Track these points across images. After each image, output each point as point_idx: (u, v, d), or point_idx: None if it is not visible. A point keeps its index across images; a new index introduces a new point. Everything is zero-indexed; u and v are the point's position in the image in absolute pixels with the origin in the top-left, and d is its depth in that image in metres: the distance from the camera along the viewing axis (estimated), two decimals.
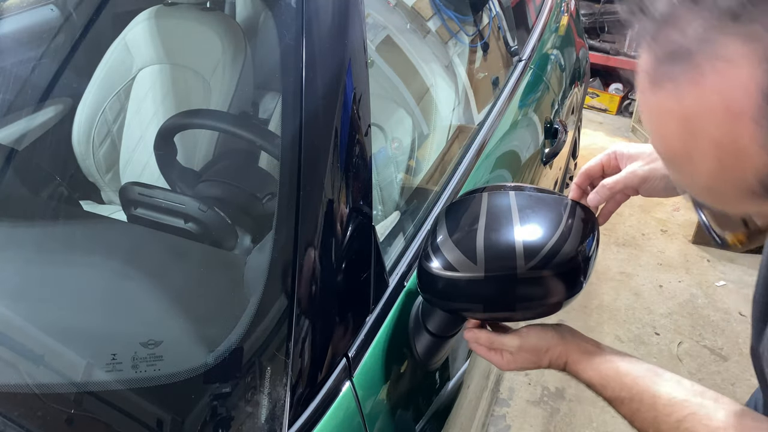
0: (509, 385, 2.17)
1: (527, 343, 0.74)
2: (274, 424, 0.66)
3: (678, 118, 0.40)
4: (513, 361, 0.76)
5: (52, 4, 1.60)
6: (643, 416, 0.64)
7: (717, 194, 0.42)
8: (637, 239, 3.00)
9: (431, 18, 1.54)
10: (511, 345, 0.75)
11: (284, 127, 0.75)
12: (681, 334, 2.42)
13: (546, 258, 0.70)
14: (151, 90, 1.46)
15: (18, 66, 1.36)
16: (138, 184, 1.08)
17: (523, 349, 0.74)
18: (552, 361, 0.74)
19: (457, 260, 0.72)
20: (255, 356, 0.69)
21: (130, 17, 1.49)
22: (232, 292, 0.82)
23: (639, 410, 0.64)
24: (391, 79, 1.30)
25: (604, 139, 3.93)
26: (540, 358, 0.74)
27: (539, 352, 0.73)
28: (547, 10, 2.22)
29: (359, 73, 0.81)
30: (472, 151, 1.24)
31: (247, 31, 1.54)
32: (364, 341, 0.77)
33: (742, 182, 0.39)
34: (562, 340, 0.73)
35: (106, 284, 0.86)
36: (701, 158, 0.40)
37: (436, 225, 0.79)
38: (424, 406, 0.87)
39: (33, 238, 0.95)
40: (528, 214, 0.75)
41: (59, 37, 1.51)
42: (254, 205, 1.09)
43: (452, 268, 0.72)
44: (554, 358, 0.73)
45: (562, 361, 0.73)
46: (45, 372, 0.73)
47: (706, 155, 0.39)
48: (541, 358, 0.74)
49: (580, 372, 0.71)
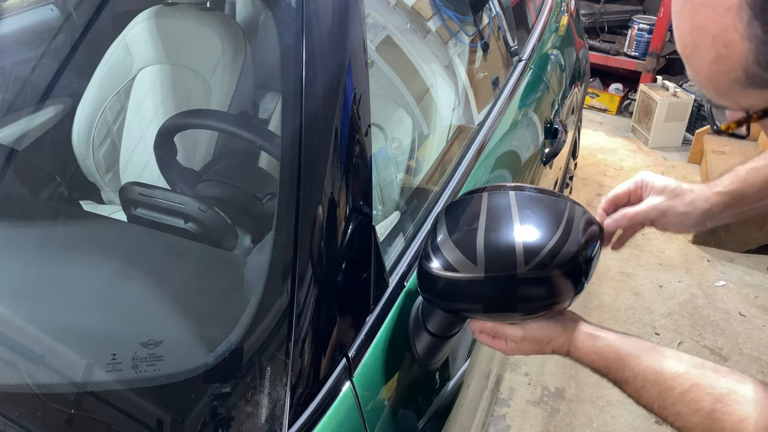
0: (509, 385, 2.17)
1: (530, 333, 0.76)
2: (274, 424, 0.66)
3: (689, 14, 0.47)
4: (516, 348, 0.78)
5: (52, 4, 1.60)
6: (648, 392, 0.66)
7: (716, 86, 0.49)
8: (637, 239, 2.99)
9: (431, 18, 1.54)
10: (514, 335, 0.76)
11: (284, 127, 0.75)
12: (681, 334, 2.42)
13: (546, 258, 0.70)
14: (151, 90, 1.46)
15: (18, 66, 1.36)
16: (138, 184, 1.08)
17: (527, 339, 0.76)
18: (555, 350, 0.76)
19: (457, 260, 0.72)
20: (255, 356, 0.69)
21: (130, 17, 1.48)
22: (232, 292, 0.82)
23: (644, 387, 0.66)
24: (391, 79, 1.30)
25: (604, 139, 3.93)
26: (543, 347, 0.76)
27: (542, 342, 0.76)
28: (547, 10, 2.22)
29: (359, 73, 0.81)
30: (472, 151, 1.24)
31: (247, 31, 1.54)
32: (364, 341, 0.77)
33: (733, 73, 0.45)
34: (564, 330, 0.75)
35: (106, 284, 0.86)
36: (704, 51, 0.47)
37: (436, 225, 0.79)
38: (424, 406, 0.87)
39: (33, 238, 0.95)
40: (528, 214, 0.75)
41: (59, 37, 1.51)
42: (254, 205, 1.09)
43: (452, 268, 0.72)
44: (557, 346, 0.75)
45: (564, 349, 0.75)
46: (45, 372, 0.73)
47: (707, 48, 0.46)
48: (543, 347, 0.76)
49: (583, 357, 0.73)
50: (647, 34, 3.97)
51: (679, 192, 0.82)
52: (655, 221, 0.84)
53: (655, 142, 3.81)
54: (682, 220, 0.82)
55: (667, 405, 0.64)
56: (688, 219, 0.82)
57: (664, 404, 0.65)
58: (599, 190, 3.38)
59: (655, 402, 0.66)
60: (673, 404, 0.64)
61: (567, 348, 0.75)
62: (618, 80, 4.32)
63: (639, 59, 4.04)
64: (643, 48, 4.01)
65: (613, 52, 4.11)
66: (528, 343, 0.76)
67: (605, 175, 3.55)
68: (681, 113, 3.77)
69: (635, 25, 4.03)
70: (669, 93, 3.75)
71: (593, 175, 3.55)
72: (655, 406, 0.66)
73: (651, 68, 3.99)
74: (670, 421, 0.65)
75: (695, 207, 0.82)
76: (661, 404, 0.65)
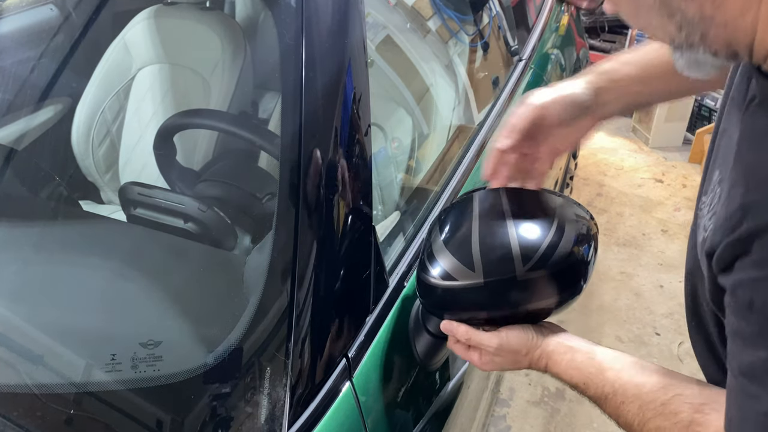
0: (509, 385, 2.17)
1: (507, 344, 0.72)
2: (274, 424, 0.66)
3: None
4: (491, 361, 0.74)
5: (52, 4, 1.60)
6: (627, 408, 0.62)
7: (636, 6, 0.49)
8: (637, 239, 2.99)
9: (431, 18, 1.53)
10: (489, 344, 0.72)
11: (284, 127, 0.75)
12: (682, 335, 2.42)
13: (543, 257, 0.69)
14: (150, 90, 1.45)
15: (17, 66, 1.36)
16: (137, 184, 1.07)
17: (503, 350, 0.72)
18: (532, 363, 0.72)
19: (454, 269, 0.71)
20: (255, 356, 0.69)
21: (130, 17, 1.48)
22: (231, 292, 0.82)
23: (623, 403, 0.62)
24: (391, 79, 1.30)
25: (604, 139, 3.93)
26: (519, 360, 0.72)
27: (518, 354, 0.72)
28: (547, 10, 2.22)
29: (359, 73, 0.81)
30: (472, 151, 1.24)
31: (247, 31, 1.53)
32: (364, 341, 0.77)
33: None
34: (542, 342, 0.71)
35: (106, 284, 0.86)
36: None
37: (431, 234, 0.78)
38: (424, 407, 0.87)
39: (33, 238, 0.95)
40: (520, 214, 0.74)
41: (58, 36, 1.51)
42: (254, 205, 1.09)
43: (450, 277, 0.71)
44: (534, 360, 0.71)
45: (542, 363, 0.71)
46: (45, 372, 0.73)
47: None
48: (520, 360, 0.72)
49: (562, 374, 0.69)
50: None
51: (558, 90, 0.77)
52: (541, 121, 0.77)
53: (656, 141, 3.81)
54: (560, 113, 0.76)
55: (648, 419, 0.59)
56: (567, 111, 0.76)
57: (644, 419, 0.60)
58: (600, 190, 3.38)
59: (635, 418, 0.61)
60: (653, 418, 0.59)
61: (545, 362, 0.70)
62: None
63: None
64: None
65: (614, 52, 4.11)
66: (504, 355, 0.72)
67: (606, 174, 3.54)
68: (681, 113, 3.77)
69: None
70: None
71: (594, 174, 3.55)
72: (635, 423, 0.61)
73: None
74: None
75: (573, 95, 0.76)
76: (641, 419, 0.60)
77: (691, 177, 3.51)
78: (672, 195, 3.34)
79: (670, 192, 3.37)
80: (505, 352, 0.72)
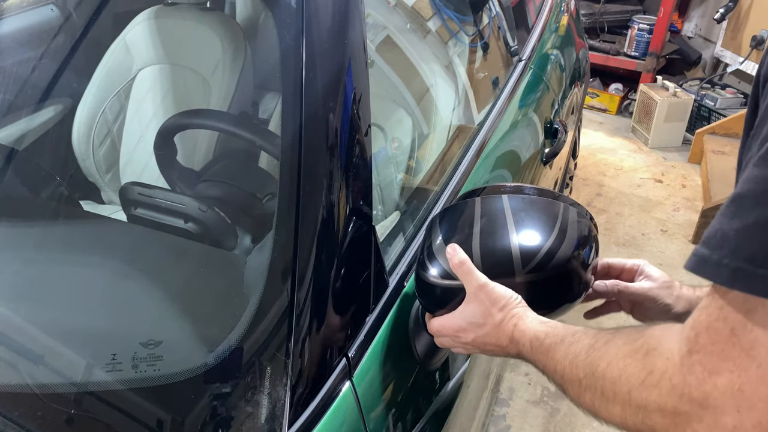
0: (509, 385, 2.17)
1: (466, 315, 0.71)
2: (274, 424, 0.66)
3: None
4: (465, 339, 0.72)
5: (52, 4, 1.60)
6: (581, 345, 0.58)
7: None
8: (637, 239, 2.99)
9: (431, 18, 1.54)
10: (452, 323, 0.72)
11: (284, 127, 0.75)
12: None
13: (542, 261, 0.69)
14: (150, 90, 1.45)
15: (18, 66, 1.36)
16: (138, 184, 1.08)
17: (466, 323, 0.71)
18: (502, 323, 0.69)
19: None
20: (255, 356, 0.69)
21: (130, 17, 1.48)
22: (232, 292, 0.82)
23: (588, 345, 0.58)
24: (391, 79, 1.30)
25: (604, 139, 3.93)
26: (485, 323, 0.70)
27: (485, 317, 0.70)
28: (547, 10, 2.22)
29: (359, 73, 0.81)
30: (472, 151, 1.24)
31: (247, 31, 1.53)
32: (364, 341, 0.77)
33: None
34: (504, 304, 0.69)
35: (106, 284, 0.86)
36: None
37: (431, 232, 0.78)
38: (424, 406, 0.87)
39: (33, 238, 0.95)
40: (522, 217, 0.74)
41: (59, 37, 1.51)
42: (254, 205, 1.09)
43: (449, 276, 0.72)
44: (497, 323, 0.69)
45: (512, 323, 0.68)
46: (45, 372, 0.73)
47: None
48: (486, 323, 0.70)
49: (536, 328, 0.66)
50: (647, 34, 3.97)
51: (670, 285, 0.83)
52: (638, 306, 0.84)
53: (655, 142, 3.81)
54: (664, 311, 0.82)
55: (599, 357, 0.55)
56: (670, 312, 0.82)
57: (597, 357, 0.55)
58: (599, 190, 3.38)
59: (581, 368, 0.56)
60: (600, 357, 0.55)
61: (514, 322, 0.67)
62: (618, 80, 4.32)
63: (639, 59, 4.04)
64: (643, 48, 4.01)
65: (613, 52, 4.11)
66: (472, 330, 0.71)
67: (605, 175, 3.55)
68: (681, 113, 3.77)
69: (635, 25, 4.03)
70: (669, 93, 3.75)
71: (593, 175, 3.55)
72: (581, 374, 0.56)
73: (651, 68, 3.99)
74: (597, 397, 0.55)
75: (679, 302, 0.82)
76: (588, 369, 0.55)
77: (690, 177, 3.51)
78: (671, 195, 3.35)
79: (670, 192, 3.37)
80: (469, 326, 0.71)
